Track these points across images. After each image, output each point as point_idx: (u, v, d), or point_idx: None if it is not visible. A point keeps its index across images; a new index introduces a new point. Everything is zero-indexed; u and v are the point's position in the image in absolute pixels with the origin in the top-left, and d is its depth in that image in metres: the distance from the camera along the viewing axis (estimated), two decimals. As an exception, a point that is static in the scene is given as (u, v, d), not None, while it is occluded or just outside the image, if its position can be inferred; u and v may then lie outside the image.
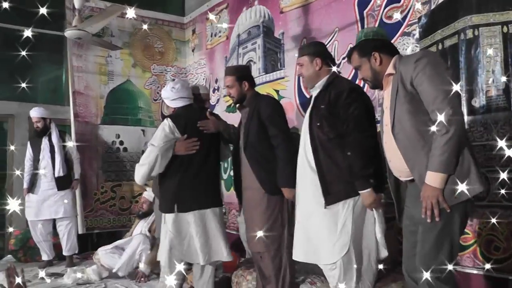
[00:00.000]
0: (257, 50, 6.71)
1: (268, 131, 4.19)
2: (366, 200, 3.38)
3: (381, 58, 3.11)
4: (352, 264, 3.43)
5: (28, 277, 6.03)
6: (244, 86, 4.37)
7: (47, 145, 6.76)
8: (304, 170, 3.64)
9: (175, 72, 8.48)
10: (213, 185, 4.53)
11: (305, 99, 5.80)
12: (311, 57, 3.72)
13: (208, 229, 4.40)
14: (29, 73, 8.78)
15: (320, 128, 3.52)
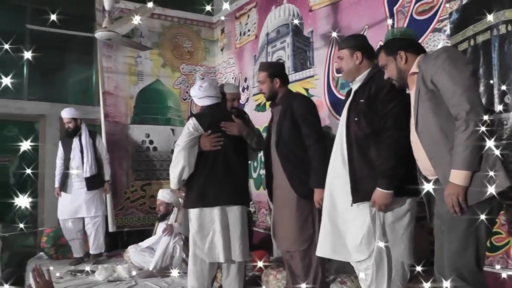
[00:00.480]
0: (286, 49, 6.71)
1: (301, 130, 4.17)
2: (381, 199, 3.30)
3: (407, 57, 3.12)
4: (384, 264, 3.39)
5: (60, 274, 6.12)
6: (275, 83, 4.37)
7: (78, 145, 6.82)
8: (337, 164, 3.58)
9: (204, 72, 8.53)
10: (239, 183, 4.54)
11: (334, 97, 5.79)
12: (351, 50, 3.62)
13: (230, 226, 4.44)
14: (60, 74, 8.90)
15: (357, 123, 3.45)
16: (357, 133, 3.45)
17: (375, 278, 3.40)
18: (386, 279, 3.39)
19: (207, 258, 4.42)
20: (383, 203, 3.29)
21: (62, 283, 5.76)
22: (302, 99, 4.43)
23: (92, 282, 5.76)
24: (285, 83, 4.46)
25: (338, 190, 3.57)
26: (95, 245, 6.88)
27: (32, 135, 8.45)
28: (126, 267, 6.00)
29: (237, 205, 4.47)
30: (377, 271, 3.39)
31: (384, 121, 3.35)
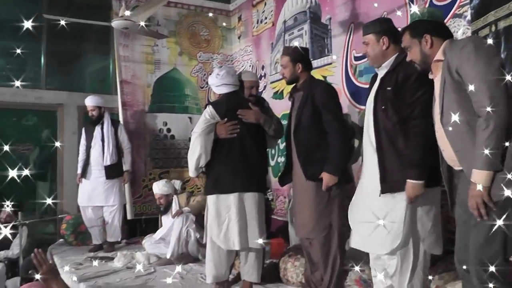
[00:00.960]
0: (303, 36, 6.68)
1: (322, 116, 4.14)
2: (412, 191, 3.22)
3: (432, 41, 2.97)
4: (409, 256, 3.37)
5: (79, 261, 6.18)
6: (297, 68, 4.34)
7: (99, 134, 6.86)
8: (367, 153, 3.57)
9: (222, 60, 8.52)
10: (255, 170, 4.53)
11: (352, 85, 5.76)
12: (377, 35, 3.52)
13: (246, 213, 4.45)
14: (77, 63, 8.93)
15: (384, 111, 3.38)
16: (385, 122, 3.39)
17: (399, 269, 3.38)
18: (410, 270, 3.37)
19: (223, 245, 4.44)
20: (415, 194, 3.23)
21: (82, 269, 5.81)
22: (324, 86, 4.39)
23: (111, 268, 5.78)
24: (308, 69, 4.42)
25: (368, 180, 3.54)
26: (111, 233, 6.94)
27: (50, 124, 8.50)
28: (145, 254, 6.03)
29: (253, 192, 4.48)
30: (402, 262, 3.37)
31: (411, 110, 3.28)
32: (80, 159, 7.02)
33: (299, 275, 4.75)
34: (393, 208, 3.34)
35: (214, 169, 4.49)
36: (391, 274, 3.43)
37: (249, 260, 4.56)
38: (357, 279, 4.27)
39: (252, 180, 4.48)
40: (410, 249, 3.35)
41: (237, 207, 4.40)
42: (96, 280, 5.31)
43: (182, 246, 5.91)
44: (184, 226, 5.92)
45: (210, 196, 4.52)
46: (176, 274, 5.39)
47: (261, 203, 4.56)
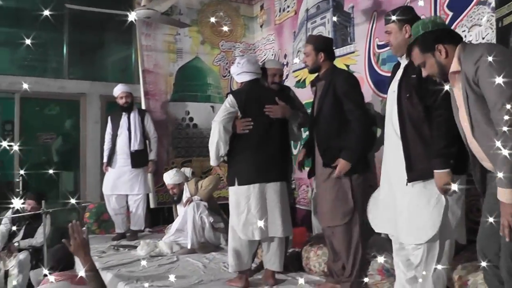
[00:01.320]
0: (326, 25, 6.62)
1: (343, 106, 4.12)
2: (440, 180, 3.17)
3: (447, 50, 2.86)
4: (436, 246, 3.34)
5: (102, 249, 6.24)
6: (320, 57, 4.31)
7: (126, 122, 6.91)
8: (390, 142, 3.55)
9: (244, 48, 8.48)
10: (276, 159, 4.55)
11: (375, 73, 5.70)
12: (400, 24, 3.49)
13: (267, 203, 4.48)
14: (99, 53, 8.96)
15: (409, 99, 3.35)
16: (410, 110, 3.35)
17: (425, 259, 3.35)
18: (435, 260, 3.34)
19: (242, 235, 4.47)
20: (443, 184, 3.17)
21: (105, 257, 5.87)
22: (346, 75, 4.38)
23: (134, 257, 5.82)
24: (331, 58, 4.39)
25: (392, 168, 3.52)
26: (134, 221, 7.00)
27: (73, 113, 8.54)
28: (168, 243, 6.04)
29: (275, 181, 4.52)
30: (428, 252, 3.34)
31: (434, 99, 3.23)
32: (106, 147, 7.07)
33: (322, 264, 4.74)
34: (426, 196, 3.31)
35: (235, 160, 4.54)
36: (415, 264, 3.40)
37: (271, 249, 4.58)
38: (379, 268, 4.23)
39: (273, 169, 4.51)
40: (437, 240, 3.32)
41: (257, 197, 4.43)
42: (119, 268, 5.34)
43: (200, 234, 5.95)
44: (197, 213, 5.95)
45: (230, 188, 4.57)
46: (199, 263, 5.44)
47: (283, 192, 4.58)
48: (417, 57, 3.00)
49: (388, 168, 3.61)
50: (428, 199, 3.30)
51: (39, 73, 8.53)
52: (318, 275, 4.77)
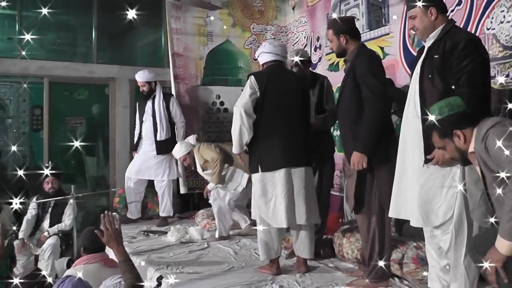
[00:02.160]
0: (360, 6, 6.51)
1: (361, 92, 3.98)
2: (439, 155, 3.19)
3: (464, 135, 2.88)
4: (463, 229, 3.26)
5: (132, 234, 6.23)
6: (342, 40, 4.13)
7: (150, 108, 6.87)
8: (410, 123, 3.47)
9: (275, 31, 8.33)
10: (300, 144, 4.47)
11: (410, 56, 5.57)
12: (425, 7, 3.38)
13: (294, 189, 4.41)
14: (128, 37, 8.90)
15: (431, 80, 3.28)
16: (431, 91, 3.28)
17: (454, 244, 3.28)
18: (465, 244, 3.26)
19: (272, 223, 4.42)
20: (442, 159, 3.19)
21: (135, 243, 5.86)
22: (365, 57, 4.10)
23: (165, 243, 5.80)
24: (354, 38, 4.18)
25: (410, 151, 3.47)
26: (162, 208, 6.97)
27: (102, 98, 8.48)
28: (199, 229, 6.02)
29: (300, 166, 4.44)
30: (456, 236, 3.27)
31: (457, 78, 3.17)
32: (136, 133, 7.10)
33: (355, 251, 4.66)
34: (443, 178, 3.29)
35: (258, 146, 4.45)
36: (445, 250, 3.36)
37: (300, 237, 4.55)
38: (414, 256, 4.16)
39: (298, 154, 4.44)
40: (463, 222, 3.27)
41: (283, 183, 4.36)
42: (150, 254, 5.32)
43: (228, 221, 5.91)
44: (220, 200, 5.86)
45: (254, 174, 4.50)
46: (230, 249, 5.42)
47: (309, 178, 4.52)
48: (436, 142, 3.04)
49: (405, 149, 3.55)
50: (443, 181, 3.29)
51: (68, 57, 8.50)
52: (351, 262, 4.70)
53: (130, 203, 7.00)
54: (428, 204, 3.33)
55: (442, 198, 3.28)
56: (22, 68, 7.80)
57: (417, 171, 3.38)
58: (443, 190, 3.28)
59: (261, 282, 4.28)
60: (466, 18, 4.86)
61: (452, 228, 3.27)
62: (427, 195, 3.33)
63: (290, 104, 4.45)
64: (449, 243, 3.30)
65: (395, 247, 4.25)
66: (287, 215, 4.34)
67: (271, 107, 4.40)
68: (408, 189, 3.49)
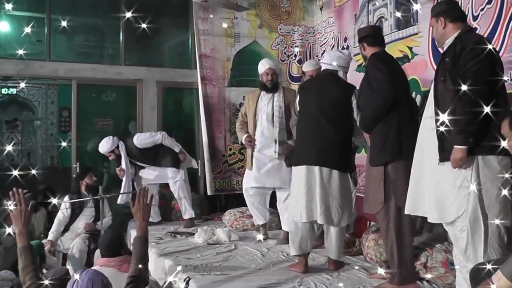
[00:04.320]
0: (388, 6, 6.39)
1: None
2: (454, 154, 3.31)
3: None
4: (479, 226, 3.32)
5: (159, 235, 6.24)
6: (363, 48, 4.40)
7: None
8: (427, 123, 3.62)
9: (303, 32, 8.27)
10: (333, 147, 4.56)
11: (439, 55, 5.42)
12: (436, 17, 3.67)
13: (314, 187, 4.51)
14: (155, 38, 8.91)
15: (443, 82, 3.46)
16: (444, 92, 3.45)
17: (471, 241, 3.34)
18: (482, 241, 3.31)
19: (293, 216, 4.64)
20: (455, 159, 3.30)
21: (162, 244, 5.86)
22: (372, 57, 4.28)
23: (192, 244, 5.79)
24: (373, 45, 4.35)
25: (428, 150, 3.60)
26: (183, 210, 6.97)
27: (130, 99, 8.50)
28: (226, 231, 5.99)
29: (326, 167, 4.52)
30: (472, 232, 3.33)
31: (463, 78, 3.29)
32: None
33: (383, 253, 4.57)
34: (456, 175, 3.38)
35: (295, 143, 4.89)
36: (463, 248, 3.38)
37: (329, 237, 4.65)
38: (443, 260, 4.12)
39: (326, 155, 4.53)
40: (479, 219, 3.32)
41: (304, 179, 4.54)
42: (177, 255, 5.30)
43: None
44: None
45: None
46: (257, 251, 5.39)
47: (335, 180, 4.55)
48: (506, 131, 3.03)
49: (423, 148, 3.68)
50: (455, 178, 3.38)
51: (95, 59, 8.55)
52: (379, 264, 4.63)
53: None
54: (442, 200, 3.43)
55: (455, 194, 3.36)
56: (50, 71, 7.85)
57: (433, 168, 3.51)
58: (455, 186, 3.36)
59: (289, 283, 4.26)
60: (496, 17, 4.77)
61: (467, 224, 3.32)
62: (441, 192, 3.44)
63: (327, 109, 4.59)
64: (466, 241, 3.34)
65: (423, 250, 4.23)
66: (306, 211, 4.50)
67: (308, 112, 4.69)
68: (425, 187, 3.60)
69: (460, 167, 3.32)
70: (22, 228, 3.16)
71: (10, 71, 7.73)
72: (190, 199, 6.97)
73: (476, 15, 4.93)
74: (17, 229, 3.16)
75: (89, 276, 2.88)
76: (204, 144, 7.58)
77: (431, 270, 4.11)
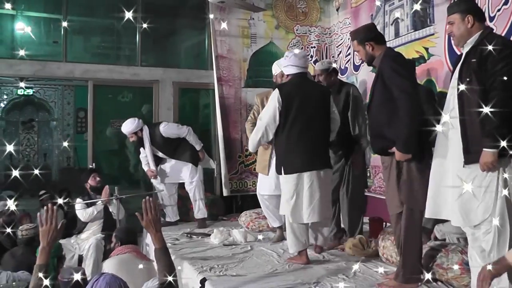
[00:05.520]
0: (404, 7, 6.41)
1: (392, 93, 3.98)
2: (483, 158, 3.24)
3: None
4: (506, 228, 3.27)
5: (175, 236, 6.25)
6: (369, 47, 4.21)
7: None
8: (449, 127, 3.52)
9: (319, 33, 8.26)
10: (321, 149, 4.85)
11: (456, 56, 5.37)
12: (462, 14, 3.50)
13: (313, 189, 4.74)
14: (172, 39, 8.94)
15: (469, 83, 3.36)
16: (469, 93, 3.36)
17: (497, 243, 3.29)
18: (507, 244, 3.27)
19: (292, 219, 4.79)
20: (485, 162, 3.23)
21: (178, 244, 5.85)
22: (388, 59, 4.11)
23: (208, 245, 5.79)
24: (379, 43, 4.23)
25: (450, 152, 3.53)
26: (196, 209, 6.96)
27: (146, 100, 8.52)
28: (242, 232, 5.97)
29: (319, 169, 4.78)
30: (499, 235, 3.28)
31: (492, 81, 3.26)
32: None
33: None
34: (482, 178, 3.33)
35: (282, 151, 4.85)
36: (488, 250, 3.34)
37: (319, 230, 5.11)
38: (459, 262, 4.04)
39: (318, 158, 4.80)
40: (506, 221, 3.27)
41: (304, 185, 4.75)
42: (193, 256, 5.29)
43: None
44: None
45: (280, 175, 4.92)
46: (273, 252, 5.36)
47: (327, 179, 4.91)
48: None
49: (445, 151, 3.61)
50: (481, 181, 3.32)
51: (112, 60, 8.58)
52: (395, 265, 4.57)
53: (165, 207, 7.04)
54: (468, 203, 3.36)
55: (480, 197, 3.31)
56: (67, 72, 7.88)
57: (458, 171, 3.42)
58: (481, 189, 3.31)
59: (305, 285, 4.22)
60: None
61: (494, 227, 3.26)
62: (466, 195, 3.36)
63: (312, 113, 4.75)
64: (492, 243, 3.30)
65: (439, 251, 4.20)
66: (308, 213, 4.72)
67: (295, 117, 4.72)
68: (448, 190, 3.51)
69: (490, 170, 3.27)
70: (47, 245, 3.12)
71: (27, 72, 7.77)
72: (204, 199, 7.00)
73: (492, 15, 4.92)
74: (41, 244, 3.12)
75: (106, 280, 2.87)
76: (220, 144, 7.56)
77: (447, 271, 4.07)
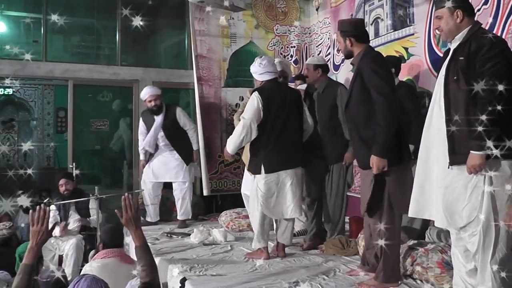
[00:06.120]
0: (384, 6, 6.42)
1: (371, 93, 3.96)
2: (471, 161, 3.18)
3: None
4: (491, 231, 3.23)
5: (155, 236, 6.23)
6: (348, 42, 4.17)
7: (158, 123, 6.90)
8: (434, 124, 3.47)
9: (299, 32, 8.27)
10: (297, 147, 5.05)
11: (435, 56, 5.49)
12: (451, 9, 3.41)
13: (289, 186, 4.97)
14: (152, 39, 8.93)
15: (456, 82, 3.27)
16: (456, 92, 3.29)
17: (482, 245, 3.27)
18: (492, 246, 3.25)
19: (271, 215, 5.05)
20: (473, 165, 3.17)
21: (158, 244, 5.85)
22: (369, 58, 4.09)
23: (188, 244, 5.78)
24: (360, 41, 4.19)
25: (435, 152, 3.46)
26: (182, 211, 6.93)
27: (126, 100, 8.51)
28: (222, 231, 5.96)
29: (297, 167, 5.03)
30: (484, 237, 3.25)
31: (480, 80, 3.17)
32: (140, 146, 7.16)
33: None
34: (468, 180, 3.28)
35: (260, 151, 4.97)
36: (473, 252, 3.34)
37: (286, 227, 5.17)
38: (439, 261, 4.06)
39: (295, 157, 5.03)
40: (491, 224, 3.24)
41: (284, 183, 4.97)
42: (173, 255, 5.29)
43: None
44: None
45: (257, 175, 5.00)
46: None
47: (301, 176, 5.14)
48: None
49: (428, 150, 3.55)
50: (466, 183, 3.29)
51: (92, 60, 8.56)
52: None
53: (147, 206, 6.98)
54: (453, 205, 3.33)
55: (466, 199, 3.28)
56: (47, 71, 7.85)
57: (442, 172, 3.38)
58: (467, 191, 3.28)
59: (285, 284, 4.22)
60: (492, 18, 4.78)
61: (480, 229, 3.24)
62: (451, 196, 3.33)
63: (288, 115, 4.95)
64: (477, 245, 3.28)
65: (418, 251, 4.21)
66: (292, 208, 4.97)
67: (274, 119, 4.88)
68: (432, 190, 3.48)
69: (477, 173, 3.21)
70: (35, 246, 3.11)
71: (6, 71, 7.70)
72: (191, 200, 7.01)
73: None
74: (30, 244, 3.11)
75: (87, 283, 2.86)
76: (200, 144, 7.49)
77: (427, 270, 4.06)
